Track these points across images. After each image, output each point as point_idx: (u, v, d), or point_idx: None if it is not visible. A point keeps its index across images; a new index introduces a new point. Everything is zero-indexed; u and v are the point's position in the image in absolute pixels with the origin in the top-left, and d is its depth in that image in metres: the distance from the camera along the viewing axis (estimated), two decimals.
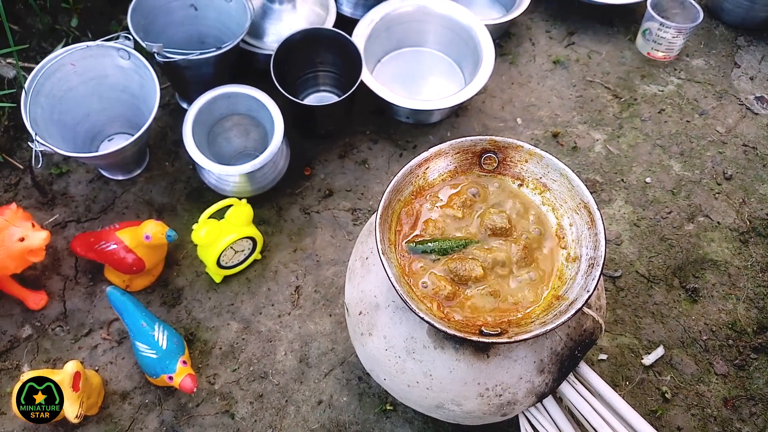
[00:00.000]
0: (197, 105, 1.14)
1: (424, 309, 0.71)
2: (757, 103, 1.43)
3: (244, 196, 1.18)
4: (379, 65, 1.43)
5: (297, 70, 1.31)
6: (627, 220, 1.24)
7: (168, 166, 1.28)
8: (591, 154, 1.33)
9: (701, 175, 1.31)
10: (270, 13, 1.32)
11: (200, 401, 1.05)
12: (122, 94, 1.21)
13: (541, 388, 0.80)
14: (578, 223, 0.78)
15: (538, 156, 0.80)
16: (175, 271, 1.17)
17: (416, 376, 0.80)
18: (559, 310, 0.72)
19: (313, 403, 1.05)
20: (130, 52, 1.14)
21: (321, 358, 1.09)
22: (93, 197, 1.25)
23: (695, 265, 1.19)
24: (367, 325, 0.84)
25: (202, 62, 1.16)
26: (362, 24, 1.34)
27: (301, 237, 1.21)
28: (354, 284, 0.88)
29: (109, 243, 1.07)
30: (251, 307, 1.14)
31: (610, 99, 1.42)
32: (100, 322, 1.12)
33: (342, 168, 1.30)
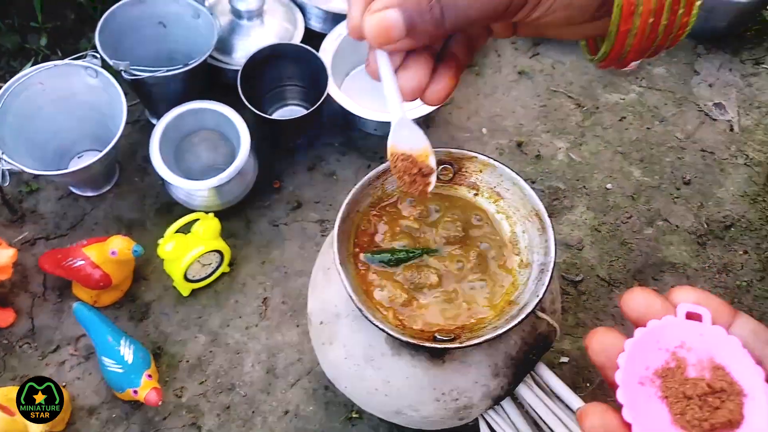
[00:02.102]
0: (164, 121, 1.16)
1: (379, 317, 0.73)
2: (716, 109, 1.47)
3: (213, 209, 1.19)
4: (348, 78, 1.45)
5: (265, 85, 1.33)
6: (588, 226, 1.27)
7: (138, 182, 1.30)
8: (554, 162, 1.36)
9: (660, 180, 1.34)
10: (238, 29, 1.34)
11: (167, 414, 1.06)
12: (91, 112, 1.22)
13: (497, 392, 0.82)
14: (530, 230, 0.80)
15: (492, 166, 0.83)
16: (143, 286, 1.18)
17: (375, 383, 0.82)
18: (511, 314, 0.74)
19: (279, 413, 1.06)
20: (98, 70, 1.15)
21: (288, 369, 1.10)
22: (62, 214, 1.26)
23: (654, 268, 1.22)
24: (328, 334, 0.86)
25: (170, 79, 1.18)
26: (330, 38, 1.36)
27: (270, 249, 1.23)
28: (316, 295, 0.90)
29: (76, 259, 1.09)
30: (219, 320, 1.15)
31: (573, 108, 1.46)
32: (68, 338, 1.13)
33: (311, 180, 1.32)
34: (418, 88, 0.49)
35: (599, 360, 0.41)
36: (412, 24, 0.43)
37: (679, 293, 0.42)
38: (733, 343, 0.40)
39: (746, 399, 0.39)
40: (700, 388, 0.39)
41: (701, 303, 0.41)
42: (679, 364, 0.40)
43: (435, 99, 0.50)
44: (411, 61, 0.48)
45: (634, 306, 0.42)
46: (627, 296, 0.42)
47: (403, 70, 0.48)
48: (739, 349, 0.39)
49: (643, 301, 0.42)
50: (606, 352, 0.41)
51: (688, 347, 0.40)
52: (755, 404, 0.38)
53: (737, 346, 0.39)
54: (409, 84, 0.48)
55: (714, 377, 0.39)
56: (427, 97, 0.50)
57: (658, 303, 0.42)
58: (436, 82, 0.49)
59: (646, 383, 0.40)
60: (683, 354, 0.40)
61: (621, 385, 0.39)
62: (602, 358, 0.41)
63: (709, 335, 0.40)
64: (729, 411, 0.38)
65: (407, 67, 0.48)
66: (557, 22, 0.45)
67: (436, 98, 0.50)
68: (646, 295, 0.42)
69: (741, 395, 0.39)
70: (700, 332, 0.40)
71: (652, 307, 0.41)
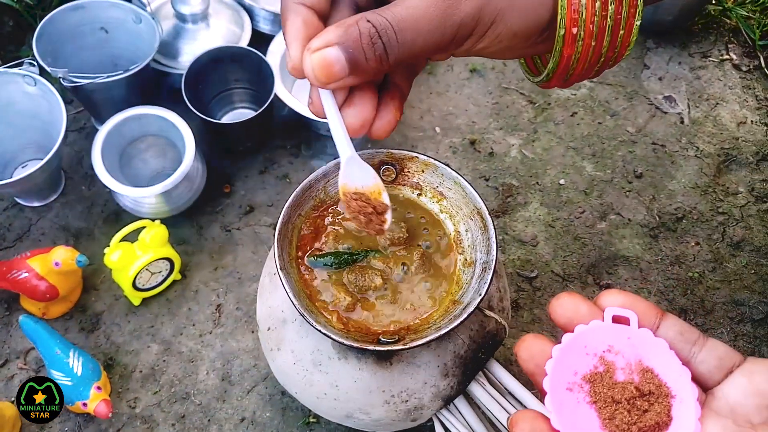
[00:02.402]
0: (106, 128, 1.14)
1: (323, 321, 0.72)
2: (666, 102, 1.49)
3: (162, 216, 1.17)
4: (298, 81, 1.44)
5: (212, 88, 1.31)
6: (542, 222, 1.28)
7: (84, 191, 1.27)
8: (507, 159, 1.37)
9: (613, 174, 1.36)
10: (183, 33, 1.32)
11: (121, 426, 1.04)
12: (32, 121, 1.19)
13: (447, 392, 0.82)
14: (473, 229, 0.80)
15: (434, 166, 0.82)
16: (93, 296, 1.16)
17: (324, 387, 0.81)
18: (454, 314, 0.74)
19: (236, 420, 1.05)
20: (36, 78, 1.12)
21: (243, 375, 1.09)
22: (8, 225, 1.23)
23: (608, 261, 1.24)
24: (275, 340, 0.85)
25: (112, 85, 1.16)
26: (278, 40, 1.35)
27: (222, 255, 1.21)
28: (263, 300, 0.89)
29: (21, 271, 1.06)
30: (172, 328, 1.13)
31: (525, 105, 1.46)
32: (17, 351, 1.10)
33: (263, 183, 1.31)
34: (364, 125, 0.47)
35: (528, 368, 0.41)
36: (354, 61, 0.41)
37: (605, 297, 0.42)
38: (661, 344, 0.40)
39: (674, 400, 0.39)
40: (629, 391, 0.39)
41: (628, 306, 0.41)
42: (607, 368, 0.41)
43: (382, 133, 0.49)
44: (356, 97, 0.47)
45: (561, 312, 0.42)
46: (554, 302, 0.43)
47: (348, 106, 0.47)
48: (667, 351, 0.40)
49: (570, 306, 0.42)
50: (535, 359, 0.41)
51: (616, 351, 0.41)
52: (683, 405, 0.39)
53: (664, 347, 0.40)
54: (356, 121, 0.47)
55: (642, 380, 0.40)
56: (373, 133, 0.49)
57: (585, 307, 0.42)
58: (381, 116, 0.48)
59: (574, 389, 0.40)
60: (611, 358, 0.41)
61: (549, 391, 0.39)
62: (531, 365, 0.41)
63: (637, 338, 0.41)
64: (657, 414, 0.39)
65: (352, 103, 0.47)
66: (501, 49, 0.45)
67: (383, 132, 0.48)
68: (573, 300, 0.42)
69: (669, 397, 0.39)
70: (628, 335, 0.41)
71: (579, 311, 0.42)
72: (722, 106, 1.48)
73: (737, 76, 1.54)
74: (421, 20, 0.41)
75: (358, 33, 0.41)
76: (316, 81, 0.43)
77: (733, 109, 1.48)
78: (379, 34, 0.41)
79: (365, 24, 0.41)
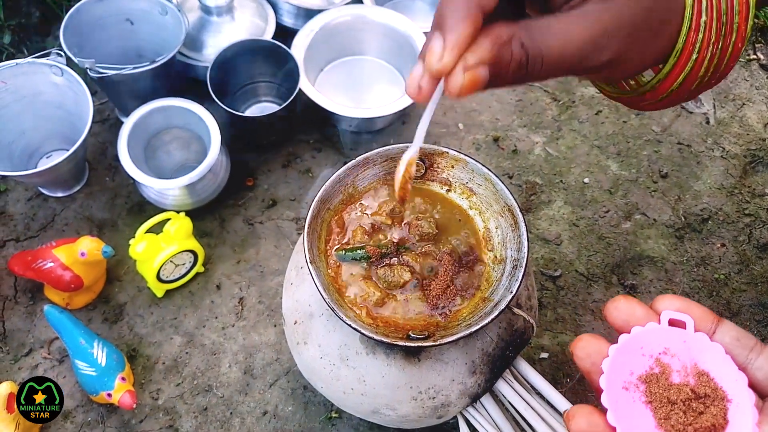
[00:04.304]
0: (132, 120, 1.14)
1: (352, 316, 0.72)
2: (691, 102, 1.47)
3: (186, 209, 1.17)
4: (322, 74, 1.43)
5: (237, 81, 1.31)
6: (566, 221, 1.27)
7: (108, 182, 1.27)
8: (531, 157, 1.36)
9: (638, 173, 1.34)
10: (208, 26, 1.32)
11: (144, 417, 1.04)
12: (58, 111, 1.20)
13: (474, 389, 0.82)
14: (503, 226, 0.79)
15: (464, 161, 0.82)
16: (117, 287, 1.16)
17: (351, 382, 0.81)
18: (485, 311, 0.73)
19: (258, 414, 1.05)
20: (63, 68, 1.13)
21: (266, 369, 1.09)
22: (32, 215, 1.23)
23: (633, 262, 1.22)
24: (302, 334, 0.85)
25: (138, 76, 1.16)
26: (301, 34, 1.34)
27: (245, 248, 1.21)
28: (290, 294, 0.88)
29: (46, 261, 1.06)
30: (194, 321, 1.13)
31: (549, 102, 1.45)
32: (41, 341, 1.11)
33: (285, 177, 1.30)
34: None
35: (584, 365, 0.42)
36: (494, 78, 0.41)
37: (662, 301, 0.42)
38: (717, 349, 0.40)
39: (730, 404, 0.39)
40: (685, 393, 0.39)
41: (684, 310, 0.41)
42: (663, 369, 0.40)
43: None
44: None
45: (617, 314, 0.42)
46: (610, 304, 0.43)
47: None
48: (723, 356, 0.40)
49: (626, 309, 0.42)
50: (591, 358, 0.41)
51: (671, 353, 0.41)
52: (739, 410, 0.38)
53: (720, 352, 0.40)
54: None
55: (698, 383, 0.40)
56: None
57: (641, 310, 0.42)
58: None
59: (630, 388, 0.40)
60: (667, 360, 0.41)
61: (605, 389, 0.39)
62: (587, 363, 0.41)
63: (693, 342, 0.40)
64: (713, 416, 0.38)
65: None
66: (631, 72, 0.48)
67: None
68: (629, 303, 0.42)
69: (725, 401, 0.39)
70: (684, 339, 0.41)
71: (635, 314, 0.42)
72: (748, 106, 1.46)
73: (764, 77, 1.52)
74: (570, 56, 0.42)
75: (510, 57, 0.41)
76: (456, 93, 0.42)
77: (760, 110, 1.46)
78: (528, 62, 0.41)
79: (519, 50, 0.41)
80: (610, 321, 0.42)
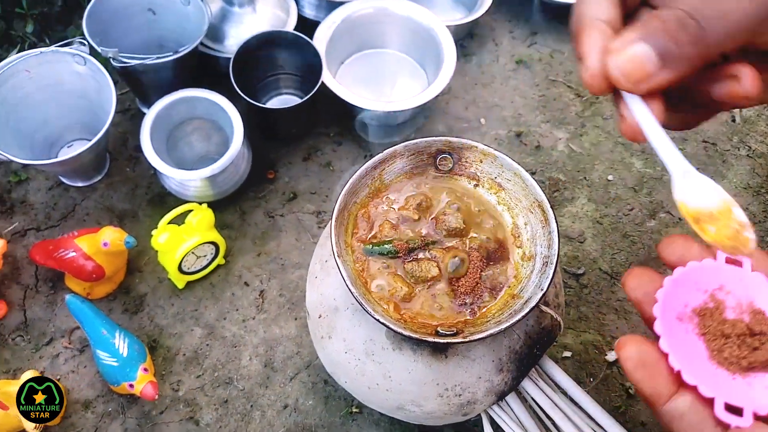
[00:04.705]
0: (155, 110, 1.13)
1: (380, 311, 0.71)
2: None
3: (207, 200, 1.17)
4: (343, 67, 1.42)
5: (258, 74, 1.30)
6: (590, 218, 1.26)
7: (129, 172, 1.27)
8: (554, 153, 1.34)
9: (662, 171, 1.33)
10: (230, 16, 1.31)
11: (164, 408, 1.04)
12: (80, 100, 1.19)
13: (501, 387, 0.81)
14: (533, 222, 0.78)
15: (492, 156, 0.81)
16: (138, 278, 1.16)
17: (376, 378, 0.80)
18: (514, 308, 0.72)
19: (278, 407, 1.04)
20: (86, 57, 1.12)
21: (286, 362, 1.08)
22: (53, 204, 1.23)
23: (658, 261, 1.19)
24: (326, 328, 0.84)
25: (160, 66, 1.15)
26: (323, 26, 1.33)
27: (266, 241, 1.21)
28: (314, 287, 0.88)
29: (68, 251, 1.06)
30: (215, 313, 1.13)
31: (573, 98, 1.43)
32: (62, 330, 1.11)
33: (306, 171, 1.29)
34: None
35: (636, 296, 0.41)
36: (666, 51, 0.38)
37: None
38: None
39: None
40: (739, 328, 0.39)
41: None
42: (717, 305, 0.41)
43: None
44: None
45: (671, 250, 0.43)
46: (665, 240, 0.43)
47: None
48: None
49: (681, 244, 0.43)
50: (643, 288, 0.41)
51: (727, 290, 0.41)
52: None
53: None
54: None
55: (753, 321, 0.39)
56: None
57: (697, 248, 0.42)
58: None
59: (684, 319, 0.40)
60: (722, 296, 0.41)
61: (659, 317, 0.39)
62: (639, 294, 0.41)
63: (749, 280, 0.40)
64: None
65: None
66: None
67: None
68: (685, 240, 0.43)
69: None
70: (740, 277, 0.41)
71: (691, 251, 0.42)
72: None
73: None
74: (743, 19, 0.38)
75: (662, 21, 0.38)
76: (627, 82, 0.39)
77: None
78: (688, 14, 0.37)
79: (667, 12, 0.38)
80: (663, 258, 0.42)
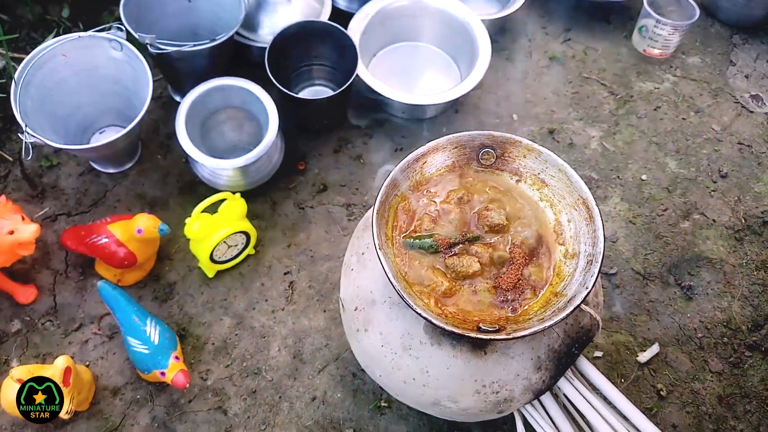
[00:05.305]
0: (191, 97, 1.13)
1: (421, 305, 0.70)
2: (752, 101, 1.43)
3: (238, 190, 1.16)
4: (375, 59, 1.41)
5: (292, 64, 1.30)
6: (623, 218, 1.24)
7: (160, 160, 1.27)
8: (587, 151, 1.33)
9: (697, 172, 1.31)
10: (265, 6, 1.31)
11: (192, 397, 1.04)
12: (114, 86, 1.19)
13: (538, 386, 0.80)
14: (576, 220, 0.77)
15: (537, 152, 0.80)
16: (168, 266, 1.16)
17: (412, 372, 0.79)
18: (558, 306, 0.71)
19: (306, 399, 1.04)
20: (123, 43, 1.12)
21: (315, 354, 1.08)
22: (84, 190, 1.23)
23: (690, 262, 1.19)
24: (362, 321, 0.83)
25: (196, 54, 1.15)
26: (357, 18, 1.33)
27: (295, 232, 1.20)
28: (350, 280, 0.87)
29: (101, 237, 1.06)
30: (244, 303, 1.12)
31: (606, 96, 1.42)
32: (91, 316, 1.11)
33: (336, 163, 1.29)
34: None
35: None
36: None
37: None
38: None
39: None
40: None
41: None
42: None
43: None
44: None
45: None
46: None
47: None
48: None
49: None
50: None
51: None
52: None
53: None
54: None
55: None
56: None
57: None
58: None
59: None
60: None
61: None
62: None
63: None
64: None
65: None
66: None
67: None
68: None
69: None
70: None
71: None
72: None
73: None
74: None
75: None
76: None
77: None
78: None
79: None
80: None
